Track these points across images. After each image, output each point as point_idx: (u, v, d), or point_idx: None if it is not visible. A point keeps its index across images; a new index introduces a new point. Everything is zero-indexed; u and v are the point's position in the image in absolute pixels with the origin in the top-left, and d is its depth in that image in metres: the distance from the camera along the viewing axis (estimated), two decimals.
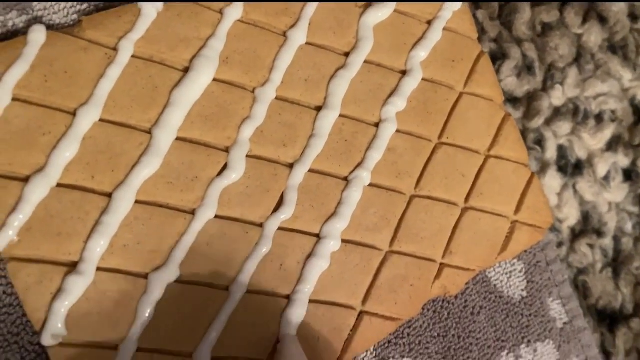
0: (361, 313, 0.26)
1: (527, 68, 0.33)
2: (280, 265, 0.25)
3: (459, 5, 0.29)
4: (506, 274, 0.31)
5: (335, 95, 0.27)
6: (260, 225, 0.25)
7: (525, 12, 0.33)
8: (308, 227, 0.26)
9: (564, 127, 0.34)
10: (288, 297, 0.25)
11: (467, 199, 0.29)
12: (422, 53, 0.28)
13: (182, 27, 0.24)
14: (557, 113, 0.34)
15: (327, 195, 0.26)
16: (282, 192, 0.25)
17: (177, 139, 0.24)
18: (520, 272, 0.31)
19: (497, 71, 0.32)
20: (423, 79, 0.28)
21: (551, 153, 0.33)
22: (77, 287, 0.22)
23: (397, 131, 0.28)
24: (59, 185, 0.22)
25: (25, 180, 0.22)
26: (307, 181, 0.26)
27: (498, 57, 0.32)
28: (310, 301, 0.25)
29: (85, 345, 0.22)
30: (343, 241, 0.26)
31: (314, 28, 0.27)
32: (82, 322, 0.22)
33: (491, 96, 0.30)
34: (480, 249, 0.29)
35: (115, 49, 0.23)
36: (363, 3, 0.28)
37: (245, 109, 0.25)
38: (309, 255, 0.25)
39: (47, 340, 0.21)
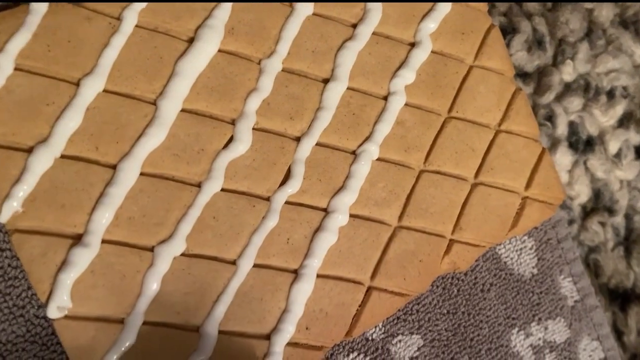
0: (369, 288, 0.26)
1: (537, 43, 0.33)
2: (288, 239, 0.25)
3: None
4: (516, 250, 0.30)
5: (342, 67, 0.26)
6: (267, 198, 0.25)
7: None
8: (315, 201, 0.25)
9: (575, 103, 0.33)
10: (295, 272, 0.25)
11: (477, 174, 0.28)
12: (431, 25, 0.28)
13: None
14: (567, 89, 0.33)
15: (335, 169, 0.26)
16: (289, 166, 0.25)
17: (183, 110, 0.24)
18: (530, 249, 0.31)
19: (507, 45, 0.31)
20: (432, 52, 0.28)
21: (562, 129, 0.33)
22: (82, 259, 0.22)
23: (406, 104, 0.27)
24: (62, 156, 0.22)
25: (29, 150, 0.22)
26: (314, 154, 0.25)
27: (508, 31, 0.32)
28: (318, 276, 0.25)
29: (91, 319, 0.22)
30: (351, 215, 0.26)
31: None
32: (88, 294, 0.22)
33: (502, 69, 0.29)
34: (490, 225, 0.28)
35: (119, 19, 0.23)
36: None
37: (251, 80, 0.25)
38: (317, 230, 0.25)
39: (52, 312, 0.21)
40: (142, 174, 0.23)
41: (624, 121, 0.34)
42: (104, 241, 0.22)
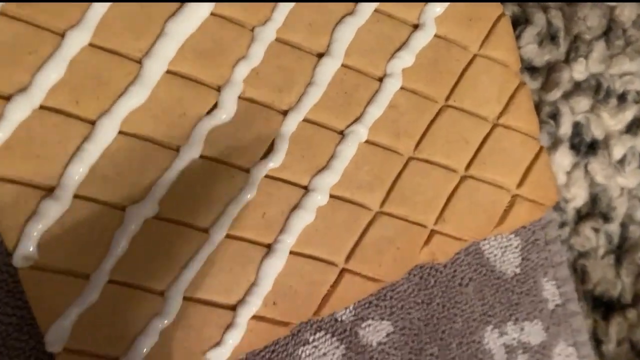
0: (343, 270, 0.26)
1: (550, 37, 0.31)
2: (264, 213, 0.24)
3: None
4: (501, 248, 0.30)
5: (339, 43, 0.25)
6: (247, 170, 0.24)
7: None
8: (296, 178, 0.25)
9: (583, 103, 0.32)
10: (268, 246, 0.24)
11: (467, 167, 0.28)
12: (437, 8, 0.27)
13: None
14: (577, 87, 0.32)
15: (320, 148, 0.25)
16: (273, 139, 0.25)
17: (168, 72, 0.23)
18: (516, 247, 0.30)
19: (518, 37, 0.30)
20: (435, 35, 0.27)
21: (565, 129, 0.32)
22: (52, 211, 0.21)
23: (402, 88, 0.26)
24: (41, 107, 0.22)
25: (7, 98, 0.21)
26: (300, 130, 0.25)
27: (520, 22, 0.31)
28: (291, 252, 0.25)
29: (57, 271, 0.22)
30: (331, 196, 0.25)
31: None
32: (55, 247, 0.22)
33: (507, 61, 0.28)
34: (475, 219, 0.28)
35: None
36: None
37: (242, 47, 0.24)
38: (295, 207, 0.25)
39: (18, 261, 0.21)
40: (120, 132, 0.23)
41: (633, 127, 0.33)
42: (76, 196, 0.22)
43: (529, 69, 0.31)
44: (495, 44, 0.28)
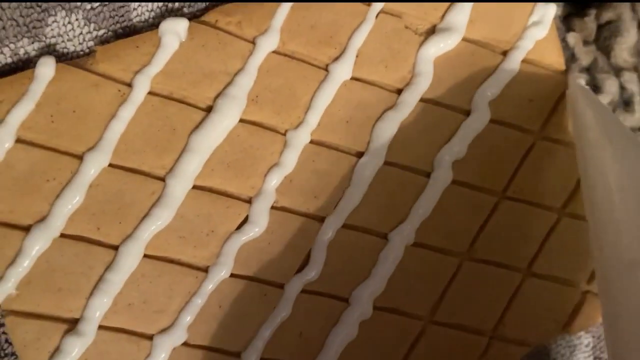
0: None
1: (624, 103, 0.28)
2: (301, 332, 0.22)
3: (544, 32, 0.24)
4: (569, 347, 0.27)
5: (380, 140, 0.23)
6: (281, 286, 0.22)
7: (629, 35, 0.27)
8: (335, 291, 0.23)
9: None
10: None
11: (530, 264, 0.25)
12: (491, 91, 0.24)
13: (207, 60, 0.21)
14: None
15: (361, 255, 0.23)
16: (309, 250, 0.23)
17: (194, 187, 0.21)
18: (586, 346, 0.27)
19: None
20: (491, 121, 0.24)
21: None
22: (76, 347, 0.20)
23: (453, 182, 0.24)
24: (62, 235, 0.21)
25: (27, 229, 0.20)
26: (338, 238, 0.23)
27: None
28: None
29: None
30: (375, 308, 0.23)
31: (362, 60, 0.23)
32: None
33: (572, 142, 0.25)
34: (539, 321, 0.25)
35: (130, 85, 0.21)
36: (424, 30, 0.23)
37: (274, 154, 0.22)
38: (335, 323, 0.23)
39: None
40: (145, 256, 0.21)
41: None
42: (100, 327, 0.21)
43: None
44: (559, 124, 0.25)
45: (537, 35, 0.24)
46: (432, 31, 0.23)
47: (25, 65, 0.21)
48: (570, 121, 0.24)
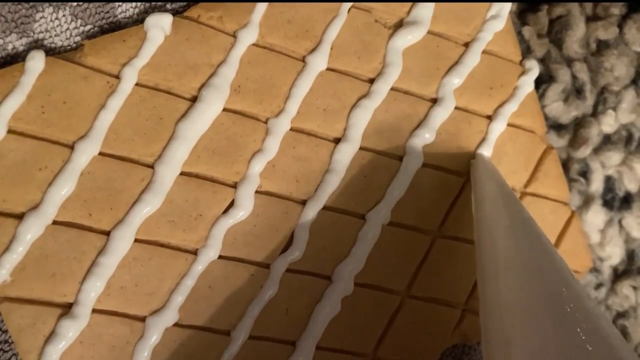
0: None
1: (576, 91, 0.30)
2: (287, 309, 0.23)
3: (501, 25, 0.26)
4: None
5: (356, 127, 0.24)
6: (267, 266, 0.23)
7: (579, 28, 0.30)
8: (318, 269, 0.24)
9: (614, 157, 0.30)
10: (294, 344, 0.24)
11: None
12: (455, 80, 0.26)
13: (192, 53, 0.23)
14: (607, 141, 0.30)
15: (341, 235, 0.24)
16: (293, 231, 0.24)
17: (182, 174, 0.22)
18: None
19: (542, 95, 0.29)
20: (456, 108, 0.26)
21: (597, 185, 0.30)
22: (71, 330, 0.21)
23: (424, 166, 0.25)
24: (54, 222, 0.21)
25: (20, 217, 0.21)
26: (320, 219, 0.24)
27: (544, 80, 0.29)
28: (317, 348, 0.24)
29: None
30: (356, 284, 0.24)
31: (337, 52, 0.24)
32: None
33: (532, 127, 0.27)
34: None
35: (117, 77, 0.22)
36: (392, 24, 0.25)
37: (257, 141, 0.23)
38: (318, 300, 0.24)
39: None
40: (136, 240, 0.22)
41: None
42: (94, 311, 0.21)
43: (555, 127, 0.30)
44: (519, 111, 0.27)
45: (495, 27, 0.26)
46: (399, 25, 0.25)
47: (14, 60, 0.22)
48: (472, 191, 0.25)
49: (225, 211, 0.23)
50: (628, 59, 0.30)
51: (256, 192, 0.23)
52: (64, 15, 0.22)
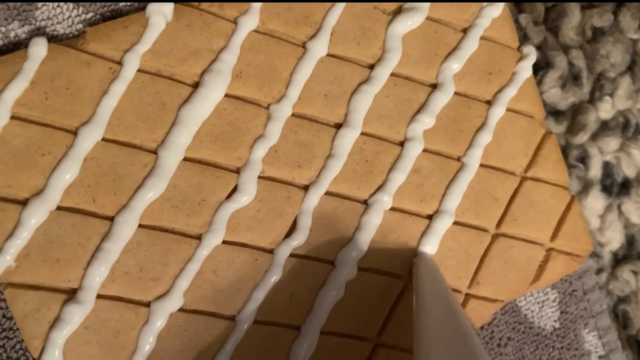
0: (376, 346, 0.25)
1: (573, 78, 0.30)
2: (291, 294, 0.24)
3: (498, 11, 0.27)
4: (538, 303, 0.29)
5: (356, 112, 0.24)
6: (271, 251, 0.23)
7: (574, 16, 0.30)
8: (322, 254, 0.24)
9: (612, 143, 0.31)
10: (298, 328, 0.24)
11: (498, 225, 0.27)
12: (455, 65, 0.26)
13: (193, 39, 0.23)
14: (604, 127, 0.31)
15: (344, 220, 0.24)
16: (296, 217, 0.24)
17: (185, 159, 0.23)
18: (553, 301, 0.29)
19: (540, 82, 0.29)
20: (455, 93, 0.26)
21: (595, 171, 0.31)
22: (76, 316, 0.21)
23: (424, 150, 0.25)
24: (58, 208, 0.21)
25: (24, 203, 0.21)
26: (322, 205, 0.24)
27: (541, 66, 0.29)
28: (322, 332, 0.24)
29: None
30: (359, 269, 0.24)
31: (337, 38, 0.24)
32: (81, 351, 0.21)
33: (531, 112, 0.27)
34: (510, 279, 0.27)
35: (120, 63, 0.22)
36: (391, 10, 0.25)
37: (259, 127, 0.23)
38: (322, 284, 0.24)
39: None
40: (140, 226, 0.22)
41: None
42: (99, 296, 0.21)
43: (553, 113, 0.30)
44: (518, 95, 0.27)
45: (493, 13, 0.26)
46: (398, 11, 0.25)
47: (16, 47, 0.22)
48: (414, 287, 0.24)
49: (229, 196, 0.23)
50: (623, 46, 0.31)
51: (259, 177, 0.23)
52: (66, 3, 0.22)
